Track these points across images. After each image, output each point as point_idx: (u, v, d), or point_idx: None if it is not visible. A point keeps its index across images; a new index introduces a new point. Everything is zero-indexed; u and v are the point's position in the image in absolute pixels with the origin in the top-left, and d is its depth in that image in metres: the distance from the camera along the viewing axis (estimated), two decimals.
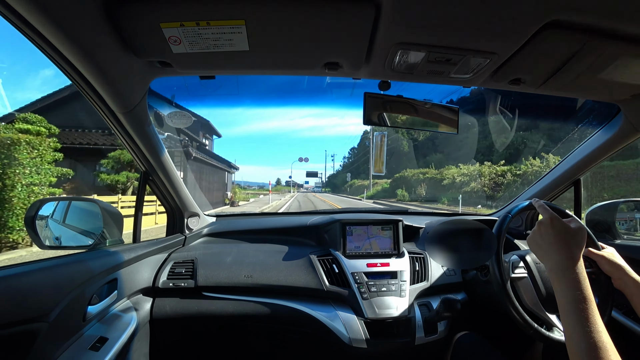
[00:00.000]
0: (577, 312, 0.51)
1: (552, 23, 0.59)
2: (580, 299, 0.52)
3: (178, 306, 1.04)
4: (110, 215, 0.98)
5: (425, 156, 25.67)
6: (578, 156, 1.17)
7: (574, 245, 0.58)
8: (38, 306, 0.62)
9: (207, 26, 0.59)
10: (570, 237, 0.60)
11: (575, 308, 0.52)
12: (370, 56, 0.71)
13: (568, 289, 0.54)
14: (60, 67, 0.66)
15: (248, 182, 77.14)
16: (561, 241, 0.59)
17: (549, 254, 0.60)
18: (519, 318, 0.82)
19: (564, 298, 0.54)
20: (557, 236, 0.60)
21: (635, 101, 0.90)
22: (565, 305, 0.54)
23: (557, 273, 0.57)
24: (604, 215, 1.24)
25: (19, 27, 0.55)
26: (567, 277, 0.55)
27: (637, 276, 0.70)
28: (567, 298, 0.54)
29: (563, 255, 0.58)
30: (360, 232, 1.22)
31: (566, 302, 0.54)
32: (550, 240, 0.60)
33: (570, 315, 0.52)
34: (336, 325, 1.00)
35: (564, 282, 0.55)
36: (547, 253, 0.61)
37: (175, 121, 0.99)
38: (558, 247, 0.59)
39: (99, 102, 0.78)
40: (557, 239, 0.60)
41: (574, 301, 0.53)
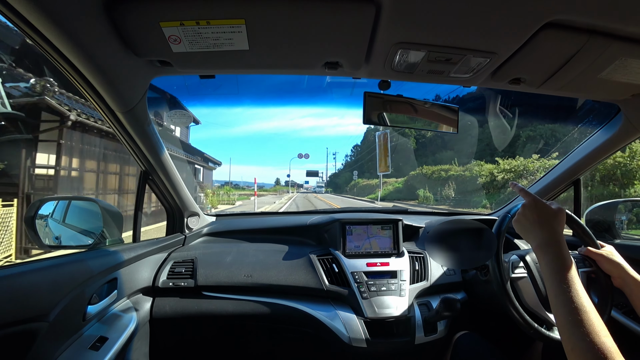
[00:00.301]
0: (560, 279, 0.56)
1: (551, 23, 0.59)
2: (563, 268, 0.57)
3: (178, 306, 1.04)
4: (110, 215, 0.98)
5: (434, 154, 22.78)
6: (578, 156, 1.17)
7: (556, 224, 0.63)
8: (38, 306, 0.62)
9: (207, 25, 0.59)
10: (552, 216, 0.64)
11: (559, 276, 0.56)
12: (370, 56, 0.71)
13: (551, 260, 0.59)
14: (60, 66, 0.66)
15: (247, 182, 75.63)
16: (544, 220, 0.64)
17: (534, 233, 0.64)
18: (518, 318, 0.82)
19: (548, 268, 0.59)
20: (540, 216, 0.65)
21: (635, 101, 0.90)
22: (549, 275, 0.58)
23: (542, 248, 0.61)
24: (604, 214, 1.24)
25: (19, 26, 0.55)
26: (551, 251, 0.60)
27: (637, 275, 0.70)
28: (551, 267, 0.58)
29: (546, 232, 0.62)
30: (360, 232, 1.22)
31: (550, 272, 0.58)
32: (534, 220, 0.65)
33: (554, 283, 0.57)
34: (336, 324, 1.00)
35: (548, 256, 0.60)
36: (531, 232, 0.65)
37: (175, 120, 0.99)
38: (541, 225, 0.64)
39: (98, 101, 0.78)
40: (540, 219, 0.64)
41: (557, 270, 0.57)
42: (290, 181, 60.05)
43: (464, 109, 1.24)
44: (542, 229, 0.63)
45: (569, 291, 0.54)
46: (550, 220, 0.64)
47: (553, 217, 0.64)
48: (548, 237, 0.62)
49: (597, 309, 0.76)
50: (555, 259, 0.59)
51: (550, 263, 0.59)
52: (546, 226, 0.63)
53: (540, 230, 0.63)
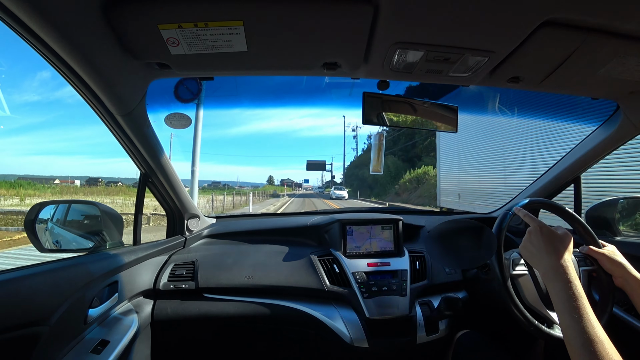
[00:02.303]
0: (572, 309, 0.54)
1: (549, 21, 0.59)
2: (573, 297, 0.55)
3: (179, 308, 1.04)
4: (110, 218, 0.98)
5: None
6: (577, 153, 1.17)
7: (563, 249, 0.62)
8: (39, 310, 0.62)
9: (205, 27, 0.59)
10: (559, 242, 0.64)
11: (570, 306, 0.55)
12: (368, 56, 0.71)
13: (562, 289, 0.57)
14: (58, 70, 0.66)
15: (246, 182, 74.28)
16: (550, 246, 0.63)
17: (541, 259, 0.64)
18: (519, 315, 0.82)
19: (558, 297, 0.57)
20: (546, 242, 0.64)
21: (634, 98, 0.90)
22: (560, 305, 0.56)
23: (550, 275, 0.60)
24: (605, 212, 1.24)
25: (16, 30, 0.55)
26: (559, 279, 0.58)
27: (638, 274, 0.70)
28: (561, 297, 0.56)
29: (553, 258, 0.61)
30: (360, 232, 1.22)
31: (560, 301, 0.56)
32: (540, 246, 0.64)
33: (566, 313, 0.55)
34: (337, 325, 1.00)
35: (557, 283, 0.58)
36: (538, 258, 0.64)
37: (174, 123, 0.99)
38: (548, 251, 0.63)
39: (97, 104, 0.78)
40: (546, 245, 0.64)
41: (567, 299, 0.55)
42: (287, 180, 55.27)
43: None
44: (549, 255, 0.62)
45: (581, 321, 0.52)
46: (557, 246, 0.63)
47: (560, 242, 0.63)
48: (555, 263, 0.60)
49: (598, 308, 0.76)
50: (565, 287, 0.57)
51: (560, 292, 0.57)
52: (553, 252, 0.62)
53: (547, 257, 0.62)
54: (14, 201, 16.16)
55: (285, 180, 51.20)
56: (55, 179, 42.44)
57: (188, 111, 1.01)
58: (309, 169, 38.47)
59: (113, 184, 47.76)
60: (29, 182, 29.49)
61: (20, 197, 18.53)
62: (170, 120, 0.99)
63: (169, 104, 1.02)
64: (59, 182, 34.09)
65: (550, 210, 0.88)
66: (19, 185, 25.36)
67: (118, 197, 20.32)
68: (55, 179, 42.79)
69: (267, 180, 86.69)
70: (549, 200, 0.89)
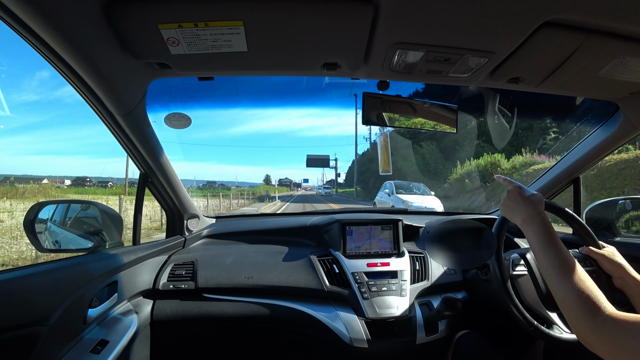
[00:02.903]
0: (546, 245, 0.63)
1: (550, 22, 0.59)
2: (547, 235, 0.64)
3: (179, 308, 1.04)
4: (109, 218, 0.98)
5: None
6: (577, 154, 1.17)
7: (537, 202, 0.71)
8: (38, 310, 0.62)
9: (205, 27, 0.59)
10: (533, 197, 0.72)
11: (545, 242, 0.63)
12: (368, 56, 0.71)
13: (537, 230, 0.65)
14: (58, 69, 0.66)
15: (244, 182, 72.97)
16: (527, 201, 0.71)
17: (518, 211, 0.72)
18: (519, 315, 0.82)
19: (534, 237, 0.65)
20: (523, 197, 0.72)
21: (634, 99, 0.90)
22: (535, 244, 0.65)
23: (527, 220, 0.68)
24: (604, 212, 1.24)
25: (16, 29, 0.54)
26: (535, 221, 0.67)
27: (638, 275, 0.70)
28: (537, 237, 0.65)
29: (530, 208, 0.69)
30: (360, 232, 1.22)
31: (537, 240, 0.65)
32: (518, 201, 0.72)
33: (541, 250, 0.63)
34: (337, 325, 1.00)
35: (533, 226, 0.66)
36: (516, 211, 0.72)
37: (173, 123, 0.99)
38: (525, 204, 0.71)
39: (97, 104, 0.78)
40: (523, 199, 0.72)
41: (542, 237, 0.64)
42: (285, 179, 49.11)
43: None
44: (525, 207, 0.70)
45: (553, 250, 0.61)
46: (532, 201, 0.71)
47: (534, 197, 0.71)
48: (532, 211, 0.68)
49: None
50: (540, 227, 0.65)
51: (536, 232, 0.65)
52: (529, 205, 0.70)
53: (524, 208, 0.70)
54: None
55: (284, 179, 44.87)
56: (44, 179, 42.04)
57: (187, 110, 1.01)
58: (309, 165, 32.43)
59: (103, 183, 46.41)
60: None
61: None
62: (170, 120, 0.99)
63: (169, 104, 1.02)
64: (47, 182, 33.65)
65: (549, 210, 0.88)
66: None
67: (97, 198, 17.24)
68: (44, 178, 42.39)
69: (263, 180, 79.22)
70: (548, 201, 0.89)
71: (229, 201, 17.41)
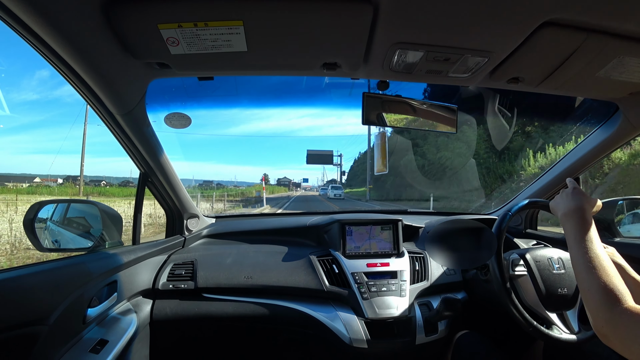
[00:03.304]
0: (581, 240, 0.61)
1: (549, 22, 0.59)
2: (584, 230, 0.62)
3: (178, 308, 1.04)
4: (109, 217, 0.98)
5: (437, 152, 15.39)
6: (577, 154, 1.17)
7: (587, 201, 0.68)
8: (37, 309, 0.62)
9: (205, 27, 0.59)
10: (587, 197, 0.70)
11: (580, 237, 0.62)
12: (368, 56, 0.71)
13: (576, 224, 0.64)
14: (58, 69, 0.66)
15: (243, 182, 71.45)
16: (578, 196, 0.70)
17: (566, 203, 0.70)
18: (518, 315, 0.82)
19: (571, 232, 0.64)
20: (575, 194, 0.70)
21: (634, 99, 0.90)
22: (571, 238, 0.63)
23: (569, 214, 0.67)
24: (603, 213, 1.24)
25: (16, 29, 0.55)
26: (576, 217, 0.65)
27: (638, 276, 0.70)
28: (574, 232, 0.64)
29: (578, 203, 0.68)
30: (359, 232, 1.22)
31: (572, 235, 0.63)
32: (569, 196, 0.71)
33: (575, 244, 0.62)
34: (337, 325, 1.00)
35: (573, 220, 0.65)
36: (561, 204, 0.71)
37: (173, 122, 0.99)
38: (574, 198, 0.69)
39: (97, 104, 0.78)
40: (574, 197, 0.70)
41: (579, 233, 0.63)
42: (284, 178, 40.46)
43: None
44: (574, 200, 0.69)
45: (586, 246, 0.60)
46: (582, 198, 0.69)
47: (587, 198, 0.70)
48: (573, 207, 0.67)
49: None
50: (578, 223, 0.64)
51: (573, 227, 0.64)
52: (579, 200, 0.68)
53: (572, 201, 0.69)
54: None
55: (282, 179, 40.71)
56: (36, 177, 41.59)
57: (187, 110, 1.01)
58: (310, 162, 28.01)
59: (95, 182, 45.55)
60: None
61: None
62: (170, 120, 0.99)
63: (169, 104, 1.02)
64: (39, 181, 33.27)
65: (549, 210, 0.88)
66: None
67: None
68: (36, 177, 41.97)
69: (261, 180, 74.27)
70: (548, 201, 0.89)
71: (211, 204, 14.86)
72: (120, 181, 45.49)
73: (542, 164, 11.72)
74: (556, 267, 0.93)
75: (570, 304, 0.90)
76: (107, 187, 32.10)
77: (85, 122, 19.52)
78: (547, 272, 0.91)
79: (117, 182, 46.23)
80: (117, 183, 43.68)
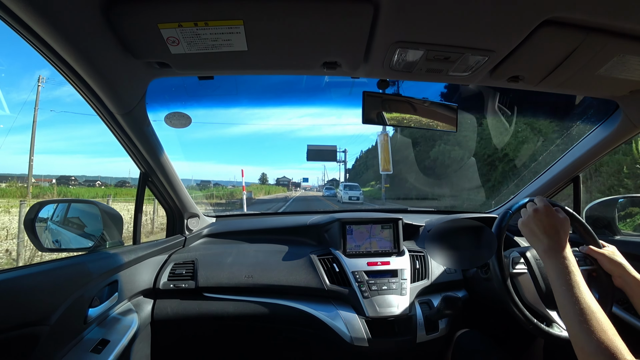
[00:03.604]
0: (567, 283, 0.59)
1: (549, 20, 0.59)
2: (568, 272, 0.60)
3: (179, 307, 1.04)
4: (110, 217, 0.98)
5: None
6: (577, 153, 1.18)
7: (562, 231, 0.67)
8: (38, 309, 0.62)
9: (205, 26, 0.59)
10: (560, 224, 0.67)
11: (565, 279, 0.60)
12: (368, 55, 0.71)
13: (559, 264, 0.62)
14: (58, 69, 0.66)
15: (242, 181, 70.30)
16: (552, 228, 0.67)
17: (542, 239, 0.67)
18: (518, 313, 0.82)
19: (554, 272, 0.62)
20: (549, 223, 0.67)
21: (634, 97, 0.90)
22: (555, 280, 0.61)
23: (549, 253, 0.65)
24: (603, 211, 1.24)
25: (16, 29, 0.54)
26: (559, 255, 0.63)
27: (638, 274, 0.70)
28: (557, 272, 0.61)
29: (555, 239, 0.65)
30: (360, 231, 1.22)
31: (557, 276, 0.61)
32: (543, 227, 0.67)
33: (562, 287, 0.59)
34: (337, 324, 1.00)
35: (555, 260, 0.63)
36: (539, 238, 0.68)
37: (174, 122, 0.99)
38: (550, 233, 0.66)
39: (97, 103, 0.78)
40: (549, 226, 0.67)
41: (563, 274, 0.60)
42: (282, 178, 36.00)
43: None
44: (549, 236, 0.66)
45: (575, 293, 0.57)
46: (557, 228, 0.67)
47: (560, 225, 0.67)
48: (555, 244, 0.64)
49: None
50: (562, 262, 0.61)
51: (556, 267, 0.61)
52: (555, 234, 0.66)
53: (548, 238, 0.66)
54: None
55: (281, 179, 38.56)
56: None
57: (187, 110, 1.01)
58: (310, 159, 25.57)
59: (90, 182, 44.82)
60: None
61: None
62: (170, 120, 0.99)
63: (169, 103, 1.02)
64: (33, 181, 32.79)
65: None
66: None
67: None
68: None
69: (259, 179, 73.32)
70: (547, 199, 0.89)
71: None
72: (117, 181, 44.99)
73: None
74: None
75: None
76: (102, 188, 31.35)
77: (36, 108, 15.15)
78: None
79: (114, 182, 45.86)
80: (114, 183, 43.37)
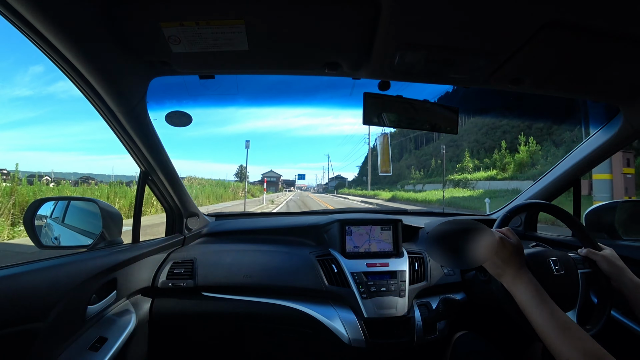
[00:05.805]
0: (538, 303, 0.62)
1: (550, 23, 0.59)
2: (536, 293, 0.63)
3: (177, 306, 1.04)
4: (109, 215, 0.98)
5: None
6: (578, 156, 1.18)
7: (519, 256, 0.69)
8: (37, 306, 0.62)
9: (207, 26, 0.59)
10: (516, 250, 0.70)
11: (535, 301, 0.62)
12: (370, 56, 0.71)
13: (526, 289, 0.65)
14: (60, 67, 0.66)
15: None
16: (510, 257, 0.69)
17: (505, 270, 0.69)
18: (517, 316, 0.82)
19: (524, 296, 0.64)
20: (506, 253, 0.69)
21: (634, 101, 0.90)
22: (526, 303, 0.64)
23: (515, 281, 0.67)
24: (603, 215, 1.24)
25: (18, 26, 0.54)
26: (523, 281, 0.66)
27: (636, 278, 0.70)
28: (527, 296, 0.64)
29: (517, 267, 0.68)
30: (359, 232, 1.22)
31: (527, 299, 0.64)
32: (504, 258, 0.69)
33: (533, 308, 0.62)
34: (335, 325, 1.00)
35: (521, 286, 0.65)
36: (503, 269, 0.70)
37: (174, 120, 0.99)
38: (509, 263, 0.69)
39: (98, 101, 0.78)
40: (508, 256, 0.69)
41: (532, 297, 0.63)
42: (269, 172, 32.56)
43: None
44: (510, 266, 0.68)
45: (548, 309, 0.60)
46: (515, 255, 0.69)
47: (516, 251, 0.70)
48: (517, 272, 0.67)
49: (596, 310, 0.77)
50: (528, 287, 0.64)
51: (525, 292, 0.64)
52: (515, 262, 0.68)
53: (509, 267, 0.69)
54: None
55: (267, 173, 33.55)
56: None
57: (187, 109, 1.01)
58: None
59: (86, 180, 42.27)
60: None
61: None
62: (171, 118, 0.99)
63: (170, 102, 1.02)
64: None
65: (549, 212, 0.88)
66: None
67: None
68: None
69: (235, 175, 68.91)
70: (548, 203, 0.89)
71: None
72: (113, 180, 43.99)
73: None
74: (556, 268, 0.93)
75: (570, 304, 0.89)
76: (97, 187, 30.34)
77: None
78: (546, 273, 0.91)
79: (108, 180, 44.77)
80: (109, 182, 42.41)
